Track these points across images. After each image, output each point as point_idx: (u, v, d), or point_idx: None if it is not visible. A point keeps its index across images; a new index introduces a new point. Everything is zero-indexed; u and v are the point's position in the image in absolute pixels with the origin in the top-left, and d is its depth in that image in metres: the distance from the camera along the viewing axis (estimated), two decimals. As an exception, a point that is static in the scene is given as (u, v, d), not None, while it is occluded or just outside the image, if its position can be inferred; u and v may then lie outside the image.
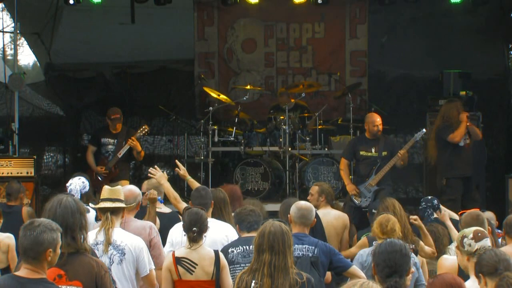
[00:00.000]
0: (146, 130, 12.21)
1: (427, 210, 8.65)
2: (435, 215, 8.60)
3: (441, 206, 8.57)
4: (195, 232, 6.58)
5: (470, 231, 5.75)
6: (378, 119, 11.59)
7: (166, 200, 8.62)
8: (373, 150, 11.55)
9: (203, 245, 6.64)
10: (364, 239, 8.41)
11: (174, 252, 6.69)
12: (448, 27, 15.00)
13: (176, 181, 12.71)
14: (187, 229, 6.64)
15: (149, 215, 8.07)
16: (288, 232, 5.68)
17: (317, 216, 8.88)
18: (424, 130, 11.44)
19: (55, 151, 15.73)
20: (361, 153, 11.60)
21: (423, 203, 9.17)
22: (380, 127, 11.57)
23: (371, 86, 15.45)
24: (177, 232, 7.46)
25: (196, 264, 6.53)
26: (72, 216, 5.04)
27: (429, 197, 9.21)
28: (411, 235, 7.86)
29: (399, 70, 15.54)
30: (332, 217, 9.31)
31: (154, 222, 7.81)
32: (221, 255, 6.60)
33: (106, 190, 6.60)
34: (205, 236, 6.66)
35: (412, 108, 15.17)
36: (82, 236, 5.08)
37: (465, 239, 5.69)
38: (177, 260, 6.55)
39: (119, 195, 6.57)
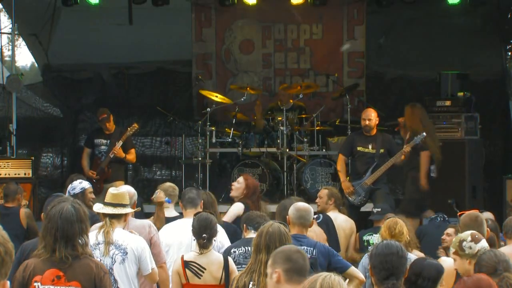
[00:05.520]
0: (135, 128, 12.21)
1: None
2: None
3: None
4: (205, 238, 6.59)
5: (467, 234, 5.78)
6: (371, 114, 11.57)
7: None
8: (370, 146, 11.52)
9: (212, 250, 6.67)
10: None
11: (183, 256, 6.71)
12: (446, 28, 15.00)
13: (175, 183, 12.67)
14: (197, 235, 6.66)
15: (157, 217, 8.10)
16: (287, 233, 5.67)
17: (329, 219, 8.94)
18: (424, 134, 11.46)
19: (53, 152, 15.71)
20: (358, 148, 11.58)
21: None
22: (372, 122, 11.52)
23: (368, 87, 15.45)
24: (166, 233, 7.48)
25: (204, 269, 6.55)
26: (71, 227, 5.09)
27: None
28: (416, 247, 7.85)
29: (397, 71, 15.53)
30: (342, 220, 9.36)
31: (163, 225, 7.84)
32: (230, 260, 6.61)
33: (109, 194, 6.54)
34: (214, 240, 6.72)
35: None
36: (82, 242, 5.12)
37: (464, 243, 5.72)
38: (186, 264, 6.57)
39: (122, 199, 6.51)
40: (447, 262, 6.34)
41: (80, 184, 8.08)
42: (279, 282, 4.60)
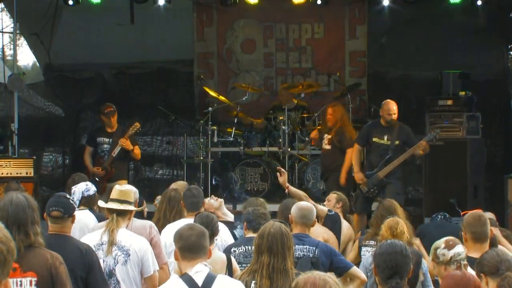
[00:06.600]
0: (137, 127, 12.18)
1: None
2: None
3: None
4: (209, 234, 6.57)
5: (441, 241, 5.81)
6: (394, 108, 11.32)
7: None
8: (385, 138, 11.34)
9: (215, 249, 6.64)
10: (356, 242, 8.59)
11: None
12: (447, 27, 14.99)
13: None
14: None
15: None
16: (288, 234, 5.64)
17: (339, 219, 8.95)
18: (438, 131, 11.43)
19: (55, 151, 15.73)
20: (374, 139, 11.37)
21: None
22: (395, 116, 11.38)
23: (370, 86, 15.45)
24: (170, 234, 7.45)
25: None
26: (23, 212, 5.02)
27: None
28: (412, 237, 7.87)
29: (399, 71, 15.53)
30: (344, 226, 9.34)
31: None
32: (233, 260, 6.58)
33: (115, 191, 6.59)
34: (216, 239, 6.68)
35: (411, 109, 15.16)
36: (34, 231, 5.05)
37: (438, 250, 5.75)
38: None
39: (128, 196, 6.55)
40: None
41: (93, 187, 8.12)
42: (177, 260, 4.96)
